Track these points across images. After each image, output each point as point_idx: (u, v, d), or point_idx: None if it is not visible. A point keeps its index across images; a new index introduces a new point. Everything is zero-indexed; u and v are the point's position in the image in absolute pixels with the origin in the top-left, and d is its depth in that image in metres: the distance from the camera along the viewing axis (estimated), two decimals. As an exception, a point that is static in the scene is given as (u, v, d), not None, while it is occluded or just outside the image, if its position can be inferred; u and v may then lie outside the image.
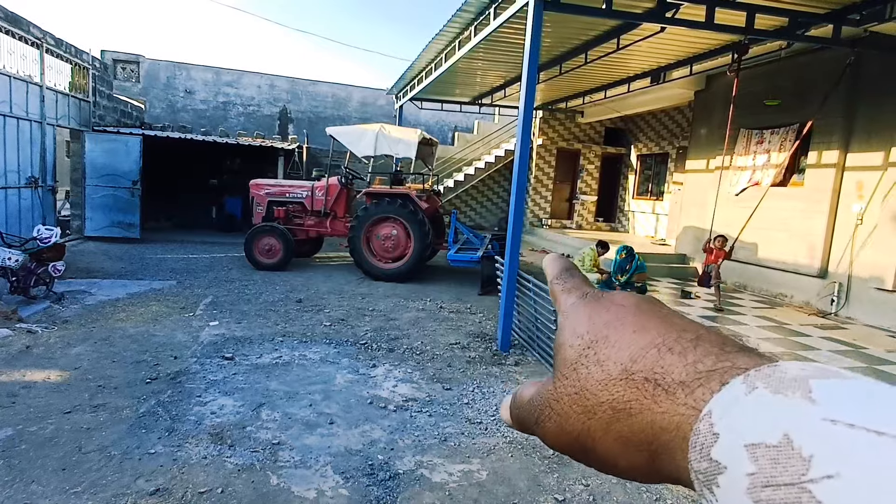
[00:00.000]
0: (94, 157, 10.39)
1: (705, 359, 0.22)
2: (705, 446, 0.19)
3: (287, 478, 2.99)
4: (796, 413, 0.17)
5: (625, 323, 0.26)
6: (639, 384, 0.23)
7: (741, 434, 0.18)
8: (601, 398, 0.24)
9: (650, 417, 0.22)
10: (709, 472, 0.19)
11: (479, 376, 4.66)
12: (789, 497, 0.16)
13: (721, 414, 0.19)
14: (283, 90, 18.61)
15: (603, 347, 0.26)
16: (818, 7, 5.60)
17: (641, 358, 0.24)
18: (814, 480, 0.16)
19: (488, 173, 15.18)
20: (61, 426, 3.39)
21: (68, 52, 9.62)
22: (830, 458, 0.16)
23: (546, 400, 0.28)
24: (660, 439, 0.22)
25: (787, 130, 8.12)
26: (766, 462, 0.17)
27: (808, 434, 0.17)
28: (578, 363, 0.26)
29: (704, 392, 0.21)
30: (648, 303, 0.28)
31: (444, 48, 8.57)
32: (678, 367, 0.22)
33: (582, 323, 0.28)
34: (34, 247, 6.15)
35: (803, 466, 0.16)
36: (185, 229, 13.08)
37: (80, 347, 4.77)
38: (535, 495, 3.00)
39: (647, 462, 0.24)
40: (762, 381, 0.19)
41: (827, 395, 0.17)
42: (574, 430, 0.26)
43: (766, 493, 0.17)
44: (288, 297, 6.96)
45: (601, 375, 0.25)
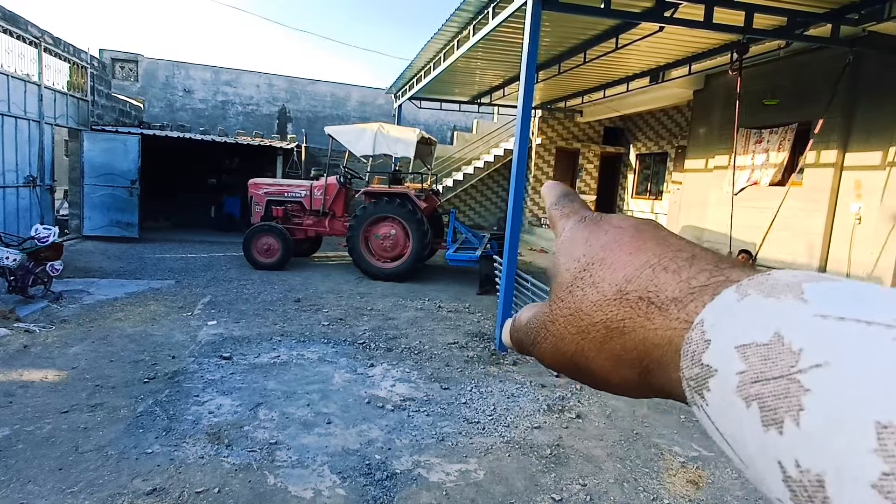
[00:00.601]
0: (93, 156, 10.37)
1: (699, 275, 0.22)
2: (697, 353, 0.20)
3: (284, 477, 2.99)
4: (788, 312, 0.17)
5: (622, 244, 0.26)
6: (632, 303, 0.23)
7: (732, 337, 0.18)
8: (595, 318, 0.25)
9: (643, 334, 0.23)
10: (700, 377, 0.19)
11: (477, 376, 4.66)
12: (778, 389, 0.16)
13: (713, 321, 0.20)
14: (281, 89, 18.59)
15: (598, 269, 0.26)
16: (817, 6, 5.60)
17: (636, 277, 0.24)
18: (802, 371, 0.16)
19: (487, 173, 15.18)
20: (58, 426, 3.39)
21: (66, 51, 9.61)
22: (819, 348, 0.16)
23: (542, 321, 0.28)
24: (652, 355, 0.22)
25: (786, 130, 8.12)
26: (756, 360, 0.17)
27: (798, 330, 0.17)
28: (574, 285, 0.26)
29: (697, 305, 0.21)
30: (647, 224, 0.28)
31: (443, 47, 8.56)
32: (672, 285, 0.22)
33: (578, 246, 0.28)
34: (32, 246, 6.14)
35: (793, 359, 0.16)
36: (183, 229, 13.07)
37: (78, 347, 4.77)
38: (532, 495, 3.00)
39: (639, 378, 0.24)
40: (754, 287, 0.19)
41: (819, 294, 0.18)
42: (569, 350, 0.26)
43: (755, 388, 0.17)
44: (286, 297, 6.96)
45: (596, 296, 0.25)
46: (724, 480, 3.29)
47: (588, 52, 7.90)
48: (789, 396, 0.16)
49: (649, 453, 3.53)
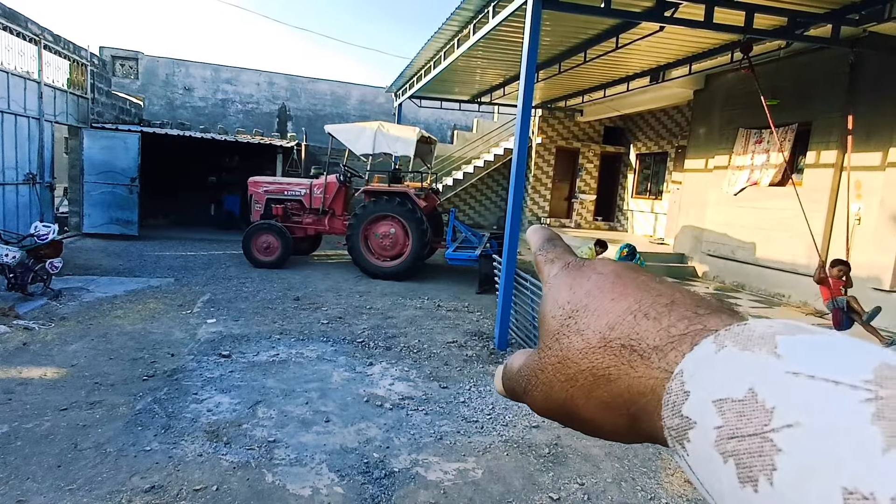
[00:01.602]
0: (93, 153, 10.37)
1: (678, 323, 0.23)
2: (676, 404, 0.20)
3: (282, 476, 2.99)
4: (761, 368, 0.18)
5: (603, 291, 0.27)
6: (616, 351, 0.24)
7: (710, 390, 0.19)
8: (582, 366, 0.25)
9: (627, 382, 0.23)
10: (680, 427, 0.20)
11: (475, 375, 4.66)
12: (752, 446, 0.17)
13: (692, 372, 0.20)
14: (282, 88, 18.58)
15: (583, 316, 0.26)
16: (817, 7, 5.60)
17: (618, 325, 0.24)
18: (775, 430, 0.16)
19: (487, 172, 15.17)
20: (57, 423, 3.39)
21: (66, 49, 9.60)
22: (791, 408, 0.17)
23: (532, 370, 0.29)
24: (638, 402, 0.23)
25: (787, 130, 8.12)
26: (732, 415, 0.18)
27: (771, 387, 0.17)
28: (560, 333, 0.27)
29: (677, 355, 0.22)
30: (627, 269, 0.28)
31: (443, 46, 8.55)
32: (652, 333, 0.23)
33: (563, 293, 0.28)
34: (32, 243, 6.14)
35: (766, 417, 0.17)
36: (183, 226, 13.07)
37: (77, 344, 4.77)
38: (529, 494, 3.00)
39: (628, 424, 0.24)
40: (731, 339, 0.20)
41: (791, 349, 0.18)
42: (559, 398, 0.27)
43: (731, 445, 0.17)
44: (286, 295, 6.96)
45: (581, 344, 0.25)
46: (722, 480, 3.29)
47: (588, 52, 7.90)
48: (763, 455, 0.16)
49: (647, 453, 3.54)
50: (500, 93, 11.89)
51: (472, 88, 12.12)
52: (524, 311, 5.48)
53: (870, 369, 0.16)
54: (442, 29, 7.66)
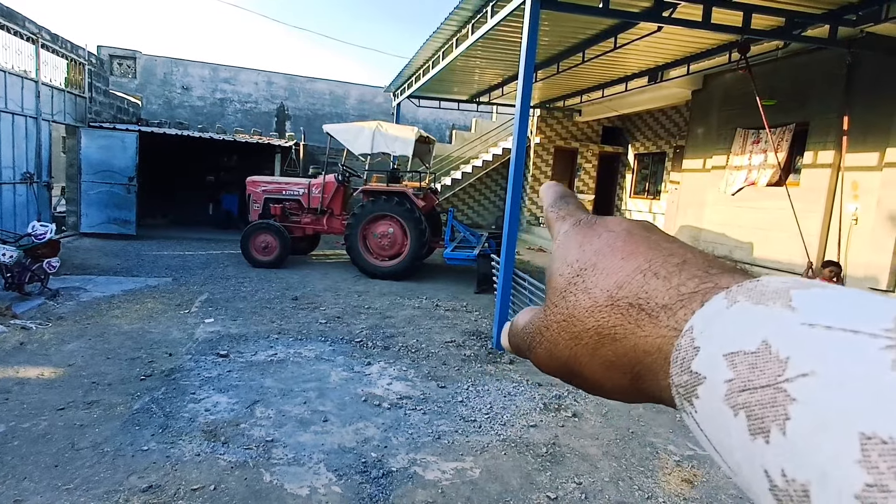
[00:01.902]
0: (90, 153, 10.35)
1: (689, 281, 0.22)
2: (686, 360, 0.20)
3: (280, 475, 2.99)
4: (776, 320, 0.18)
5: (614, 249, 0.26)
6: (623, 310, 0.23)
7: (721, 344, 0.18)
8: (587, 324, 0.25)
9: (634, 341, 0.23)
10: (689, 384, 0.19)
11: (473, 374, 4.66)
12: (765, 397, 0.16)
13: (702, 328, 0.20)
14: (280, 87, 18.56)
15: (591, 275, 0.26)
16: (815, 7, 5.61)
17: (627, 284, 0.24)
18: (789, 380, 0.16)
19: (485, 171, 15.18)
20: (54, 423, 3.39)
21: (64, 48, 9.58)
22: (806, 357, 0.16)
23: (537, 327, 0.29)
24: (643, 362, 0.22)
25: (784, 130, 8.14)
26: (743, 368, 0.17)
27: (786, 338, 0.17)
28: (567, 291, 0.26)
29: (686, 313, 0.21)
30: (640, 227, 0.28)
31: (442, 46, 8.55)
32: (662, 291, 0.23)
33: (573, 251, 0.28)
34: (29, 243, 6.13)
35: (780, 368, 0.16)
36: (181, 226, 13.05)
37: (75, 344, 4.76)
38: (527, 493, 3.01)
39: (630, 384, 0.24)
40: (744, 294, 0.19)
41: (807, 302, 0.18)
42: (563, 356, 0.27)
43: (742, 397, 0.17)
44: (284, 295, 6.95)
45: (588, 302, 0.25)
46: (719, 479, 3.30)
47: (587, 52, 7.91)
48: (776, 405, 0.16)
49: (644, 452, 3.55)
50: (498, 93, 11.90)
51: (471, 88, 12.12)
52: (522, 311, 5.48)
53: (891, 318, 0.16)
54: (440, 29, 7.66)
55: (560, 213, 0.33)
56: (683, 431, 3.89)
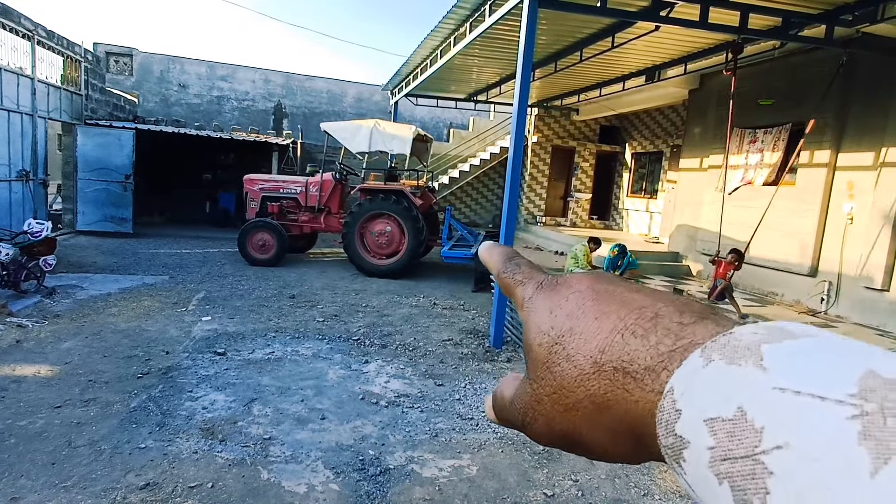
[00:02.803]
0: (86, 150, 10.31)
1: (665, 339, 0.23)
2: (670, 422, 0.20)
3: (278, 473, 3.00)
4: (748, 384, 0.18)
5: (585, 311, 0.26)
6: (609, 375, 0.24)
7: (701, 409, 0.19)
8: (579, 395, 0.25)
9: (626, 407, 0.23)
10: (675, 446, 0.20)
11: (471, 373, 4.67)
12: (745, 469, 0.17)
13: (682, 390, 0.20)
14: (277, 85, 18.51)
15: (570, 341, 0.26)
16: (811, 7, 5.63)
17: (608, 347, 0.24)
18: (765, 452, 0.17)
19: (483, 170, 15.18)
20: (51, 421, 3.38)
21: (60, 45, 9.53)
22: (779, 428, 0.17)
23: (528, 402, 0.28)
24: (639, 425, 0.23)
25: (780, 130, 8.17)
26: (723, 436, 0.18)
27: (759, 405, 0.18)
28: (550, 362, 0.26)
29: (668, 375, 0.22)
30: (604, 282, 0.28)
31: (440, 44, 8.55)
32: (642, 352, 0.23)
33: (544, 318, 0.28)
34: (25, 240, 6.11)
35: (756, 438, 0.17)
36: (178, 224, 13.01)
37: (71, 342, 4.75)
38: (524, 490, 3.02)
39: (634, 447, 0.24)
40: (717, 352, 0.20)
41: (777, 360, 0.18)
42: (561, 429, 0.26)
43: (724, 466, 0.18)
44: (281, 293, 6.95)
45: (574, 372, 0.25)
46: (715, 477, 3.32)
47: (584, 51, 7.92)
48: (755, 478, 0.17)
49: (641, 450, 3.56)
50: (496, 91, 11.90)
51: (469, 87, 12.12)
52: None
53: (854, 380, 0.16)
54: (438, 27, 7.66)
55: (516, 279, 0.32)
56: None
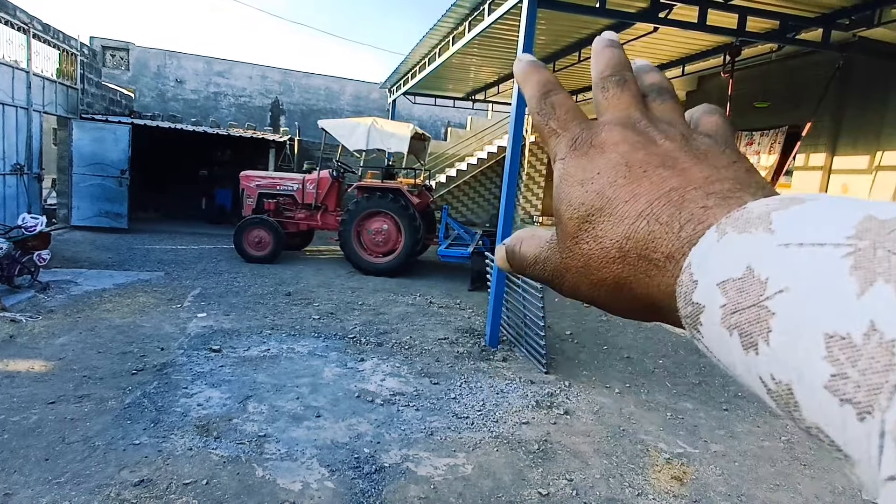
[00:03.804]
0: (82, 145, 10.24)
1: (687, 225, 0.24)
2: (687, 293, 0.22)
3: (272, 470, 3.00)
4: (757, 246, 0.20)
5: (616, 190, 0.26)
6: (633, 262, 0.25)
7: (714, 275, 0.21)
8: (604, 274, 0.27)
9: (648, 290, 0.25)
10: (693, 314, 0.22)
11: (466, 371, 4.68)
12: (751, 315, 0.19)
13: (698, 262, 0.22)
14: (275, 82, 18.45)
15: (599, 221, 0.27)
16: (809, 11, 5.66)
17: (633, 233, 0.25)
18: (769, 297, 0.18)
19: (480, 169, 15.19)
20: (45, 416, 3.37)
21: (56, 38, 9.47)
22: (782, 275, 0.18)
23: (556, 267, 0.30)
24: (659, 301, 0.25)
25: (777, 133, 8.20)
26: (733, 293, 0.20)
27: (765, 261, 0.19)
28: (579, 237, 0.27)
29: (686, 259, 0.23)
30: (640, 150, 0.27)
31: (438, 43, 8.54)
32: (665, 240, 0.24)
33: (575, 192, 0.28)
34: (19, 235, 6.07)
35: (761, 288, 0.19)
36: (173, 220, 12.95)
37: (66, 337, 4.73)
38: (519, 489, 3.03)
39: (655, 315, 0.26)
40: (731, 225, 0.21)
41: (784, 223, 0.20)
42: (586, 296, 0.29)
43: (734, 318, 0.19)
44: (277, 290, 6.93)
45: (601, 253, 0.26)
46: (708, 477, 3.34)
47: (583, 51, 7.92)
48: (760, 321, 0.18)
49: (635, 449, 3.58)
50: (494, 90, 11.90)
51: (467, 85, 12.12)
52: (515, 309, 5.50)
53: (852, 224, 0.18)
54: (437, 25, 7.65)
55: (551, 126, 0.31)
56: (674, 430, 3.93)
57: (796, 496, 3.24)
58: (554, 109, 0.32)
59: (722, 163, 0.27)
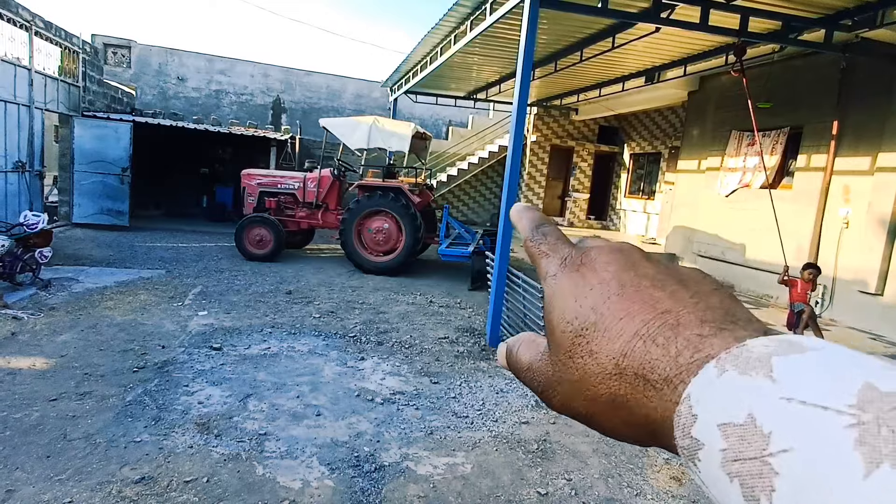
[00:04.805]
0: (83, 142, 10.26)
1: (685, 351, 0.24)
2: (686, 426, 0.22)
3: (273, 468, 3.01)
4: (758, 393, 0.20)
5: (610, 307, 0.27)
6: (630, 379, 0.25)
7: (714, 415, 0.21)
8: (600, 391, 0.26)
9: (645, 410, 0.25)
10: (691, 448, 0.22)
11: (466, 371, 4.69)
12: (753, 469, 0.19)
13: (698, 397, 0.22)
14: (277, 80, 18.45)
15: (594, 336, 0.27)
16: (811, 12, 5.65)
17: (630, 352, 0.25)
18: (772, 454, 0.19)
19: (481, 169, 15.19)
20: (46, 413, 3.38)
21: (58, 36, 9.48)
22: (785, 433, 0.19)
23: (548, 379, 0.30)
24: (656, 424, 0.25)
25: (779, 133, 8.20)
26: (734, 439, 0.20)
27: (768, 412, 0.19)
28: (573, 352, 0.28)
29: (685, 386, 0.24)
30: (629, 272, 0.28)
31: (440, 42, 8.54)
32: (662, 363, 0.24)
33: (568, 306, 0.29)
34: (21, 232, 6.08)
35: (764, 442, 0.19)
36: (174, 218, 12.97)
37: (67, 335, 4.74)
38: (518, 489, 3.04)
39: (649, 438, 0.26)
40: (731, 363, 0.22)
41: (785, 372, 0.20)
42: (579, 412, 0.28)
43: (735, 466, 0.20)
44: (278, 289, 6.95)
45: (597, 369, 0.26)
46: (707, 477, 3.35)
47: (584, 51, 7.92)
48: (763, 477, 0.19)
49: (634, 450, 3.59)
50: (495, 90, 11.89)
51: (468, 85, 12.12)
52: (516, 308, 5.51)
53: (854, 392, 0.18)
54: (439, 25, 7.65)
55: (542, 249, 0.33)
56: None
57: (795, 497, 3.24)
58: (545, 237, 0.33)
59: (705, 289, 0.27)
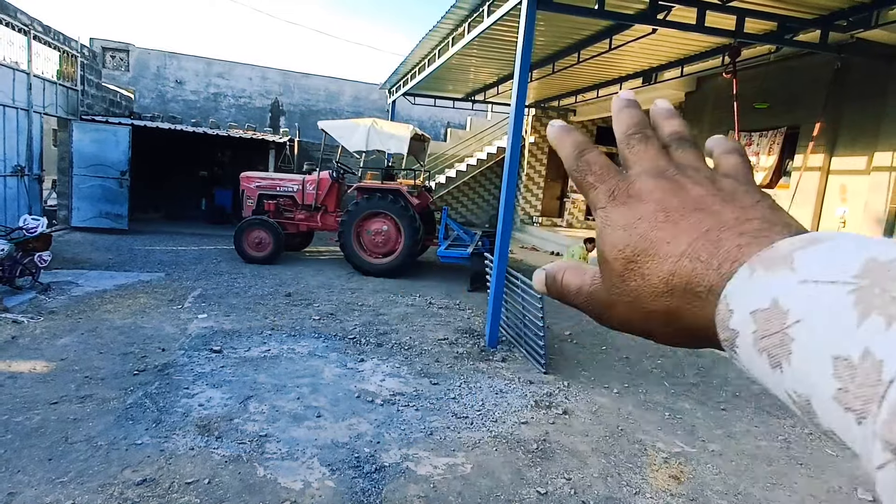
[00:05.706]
0: (82, 146, 10.27)
1: (725, 263, 0.27)
2: (725, 320, 0.26)
3: (274, 469, 3.02)
4: (781, 282, 0.24)
5: (658, 233, 0.30)
6: (679, 293, 0.29)
7: (747, 306, 0.25)
8: (654, 306, 0.30)
9: (694, 318, 0.29)
10: (730, 338, 0.26)
11: (466, 372, 4.71)
12: (776, 340, 0.23)
13: (733, 295, 0.26)
14: (275, 83, 18.48)
15: (644, 261, 0.30)
16: (806, 13, 5.69)
17: (678, 271, 0.29)
18: (790, 326, 0.22)
19: (480, 170, 15.22)
20: (48, 416, 3.39)
21: (56, 40, 9.49)
22: (799, 307, 0.22)
23: (603, 302, 0.33)
24: (702, 327, 0.28)
25: (776, 133, 8.23)
26: (762, 321, 0.24)
27: (788, 295, 0.23)
28: (626, 276, 0.31)
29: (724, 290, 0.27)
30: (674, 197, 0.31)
31: (438, 44, 8.57)
32: (706, 275, 0.28)
33: (619, 235, 0.31)
34: (20, 236, 6.09)
35: (784, 317, 0.23)
36: (174, 221, 12.98)
37: (67, 338, 4.75)
38: (517, 488, 3.06)
39: (701, 341, 0.30)
40: (760, 263, 0.25)
41: (805, 262, 0.23)
42: (637, 327, 0.32)
43: (763, 342, 0.23)
44: (277, 291, 6.96)
45: (649, 289, 0.30)
46: (705, 476, 3.37)
47: (582, 52, 7.95)
48: (783, 346, 0.23)
49: (633, 449, 3.61)
50: (493, 91, 11.92)
51: (466, 86, 12.14)
52: (515, 309, 5.53)
53: (858, 265, 0.22)
54: (437, 27, 7.68)
55: (588, 181, 0.34)
56: (671, 429, 3.96)
57: (792, 495, 3.26)
58: (590, 166, 0.35)
59: (747, 202, 0.30)
